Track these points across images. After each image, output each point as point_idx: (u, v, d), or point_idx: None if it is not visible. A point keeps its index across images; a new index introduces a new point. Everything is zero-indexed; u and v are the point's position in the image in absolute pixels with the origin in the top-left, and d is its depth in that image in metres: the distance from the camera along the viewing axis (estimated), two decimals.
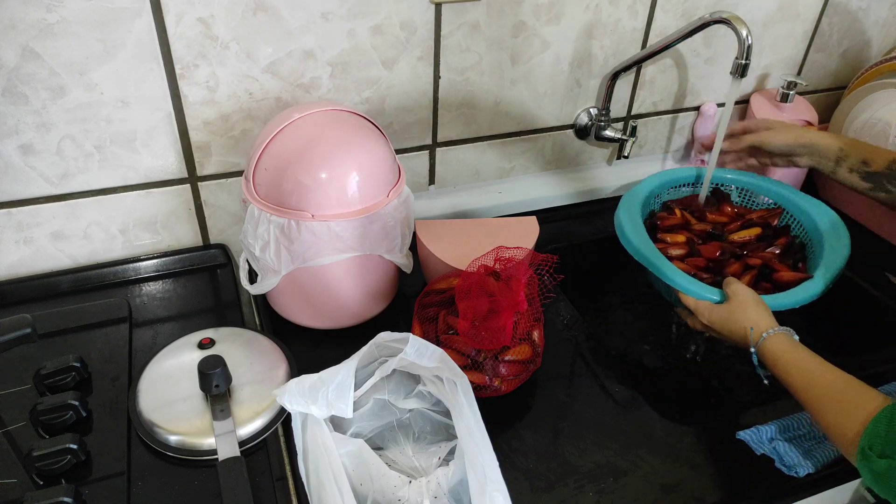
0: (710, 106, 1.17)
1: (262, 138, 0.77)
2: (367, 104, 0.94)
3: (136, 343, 0.81)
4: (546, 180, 1.14)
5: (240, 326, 0.83)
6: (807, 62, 1.23)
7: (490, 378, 0.75)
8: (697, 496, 0.70)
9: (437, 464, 0.69)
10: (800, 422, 0.76)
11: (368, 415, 0.71)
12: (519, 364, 0.77)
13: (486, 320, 0.74)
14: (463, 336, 0.74)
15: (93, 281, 0.90)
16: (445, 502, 0.62)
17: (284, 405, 0.63)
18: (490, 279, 0.77)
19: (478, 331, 0.74)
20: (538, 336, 0.79)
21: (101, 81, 0.79)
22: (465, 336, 0.74)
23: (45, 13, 0.73)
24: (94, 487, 0.64)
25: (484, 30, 0.94)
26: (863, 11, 1.20)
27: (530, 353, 0.78)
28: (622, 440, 0.75)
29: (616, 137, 1.08)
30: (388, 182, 0.80)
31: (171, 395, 0.72)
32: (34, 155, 0.81)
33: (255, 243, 0.78)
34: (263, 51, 0.84)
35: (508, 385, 0.77)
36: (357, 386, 0.65)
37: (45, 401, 0.69)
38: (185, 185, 0.90)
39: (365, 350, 0.66)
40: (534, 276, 0.78)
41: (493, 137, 1.05)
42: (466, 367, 0.75)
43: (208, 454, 0.67)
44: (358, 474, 0.64)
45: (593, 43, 1.02)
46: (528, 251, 0.79)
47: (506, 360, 0.76)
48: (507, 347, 0.76)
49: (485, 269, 0.78)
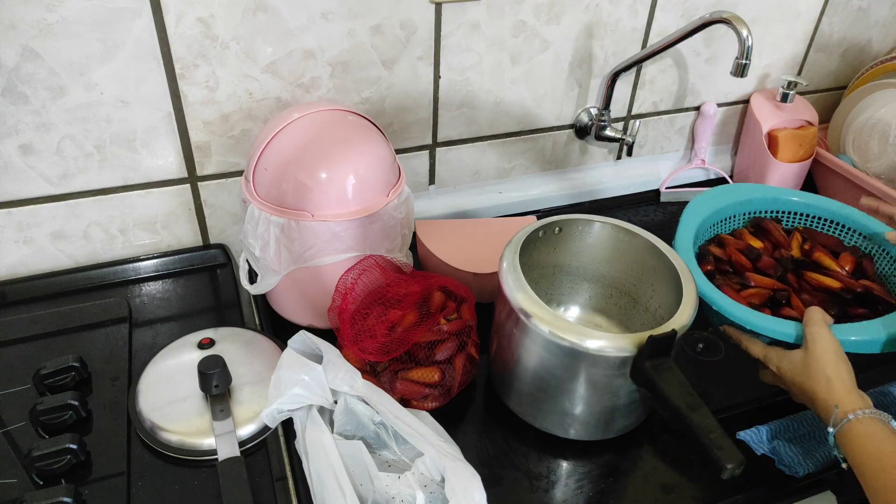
0: (710, 106, 1.17)
1: (262, 138, 0.77)
2: (367, 104, 0.94)
3: (135, 343, 0.81)
4: (546, 180, 1.14)
5: (240, 326, 0.83)
6: (807, 62, 1.23)
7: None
8: (697, 496, 0.70)
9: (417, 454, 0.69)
10: (800, 422, 0.76)
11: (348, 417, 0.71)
12: (421, 386, 0.73)
13: (405, 331, 0.73)
14: (370, 340, 0.72)
15: (93, 281, 0.90)
16: (438, 489, 0.62)
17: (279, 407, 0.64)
18: (438, 293, 0.77)
19: (388, 339, 0.72)
20: (459, 364, 0.74)
21: (101, 81, 0.79)
22: (373, 341, 0.72)
23: (45, 13, 0.73)
24: (93, 487, 0.64)
25: (484, 29, 0.94)
26: (863, 11, 1.20)
27: (438, 378, 0.73)
28: (622, 440, 0.75)
29: (616, 137, 1.08)
30: (388, 182, 0.80)
31: (170, 395, 0.72)
32: (34, 155, 0.81)
33: (255, 243, 0.78)
34: (263, 50, 0.84)
35: (419, 404, 0.74)
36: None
37: (45, 401, 0.69)
38: (185, 185, 0.90)
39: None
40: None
41: (493, 137, 1.05)
42: (366, 373, 0.72)
43: (208, 454, 0.67)
44: (358, 475, 0.64)
45: (593, 43, 1.02)
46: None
47: (405, 379, 0.73)
48: (413, 366, 0.73)
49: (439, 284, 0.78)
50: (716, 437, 0.60)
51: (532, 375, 0.71)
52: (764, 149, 1.16)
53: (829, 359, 0.65)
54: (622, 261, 0.82)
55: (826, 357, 0.65)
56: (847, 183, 1.15)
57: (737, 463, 0.58)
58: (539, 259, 0.81)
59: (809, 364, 0.66)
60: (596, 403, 0.70)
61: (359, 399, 0.67)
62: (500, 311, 0.73)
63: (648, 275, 0.79)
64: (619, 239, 0.80)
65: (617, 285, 0.84)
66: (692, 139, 1.22)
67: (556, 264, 0.84)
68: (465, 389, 0.79)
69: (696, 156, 1.22)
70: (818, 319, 0.68)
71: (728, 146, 1.27)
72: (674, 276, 0.73)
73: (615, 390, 0.68)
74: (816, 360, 0.65)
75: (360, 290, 0.76)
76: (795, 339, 0.70)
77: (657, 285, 0.78)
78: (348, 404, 0.67)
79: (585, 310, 0.88)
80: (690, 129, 1.21)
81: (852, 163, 1.17)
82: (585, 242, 0.82)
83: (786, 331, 0.70)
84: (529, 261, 0.77)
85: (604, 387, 0.68)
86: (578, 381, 0.68)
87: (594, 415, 0.71)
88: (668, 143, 1.22)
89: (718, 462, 0.58)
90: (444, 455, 0.62)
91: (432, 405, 0.75)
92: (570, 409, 0.70)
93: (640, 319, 0.82)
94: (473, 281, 0.88)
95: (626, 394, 0.69)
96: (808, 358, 0.66)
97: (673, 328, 0.64)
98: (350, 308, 0.74)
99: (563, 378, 0.68)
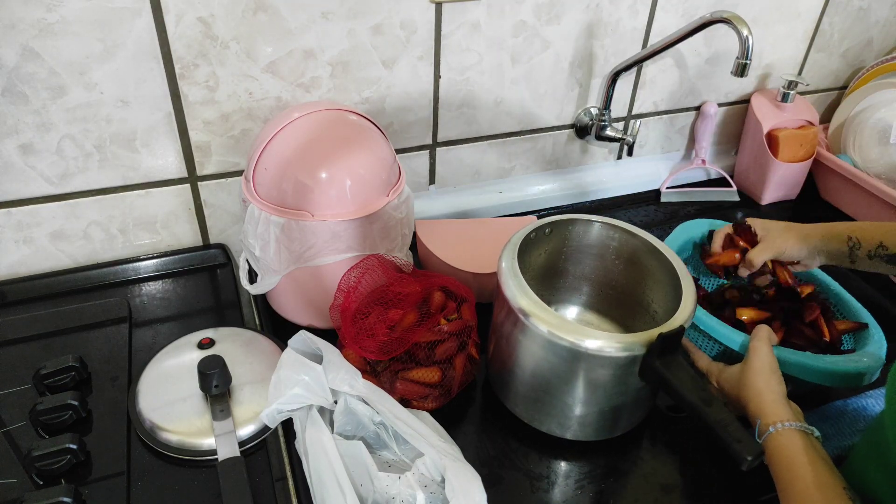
0: (710, 106, 1.17)
1: (262, 138, 0.77)
2: (368, 104, 0.94)
3: (135, 343, 0.81)
4: (546, 180, 1.14)
5: (240, 326, 0.83)
6: (807, 62, 1.22)
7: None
8: (697, 496, 0.70)
9: (417, 454, 0.69)
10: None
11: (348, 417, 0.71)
12: (421, 386, 0.73)
13: (405, 331, 0.72)
14: (370, 340, 0.72)
15: (93, 281, 0.90)
16: (438, 489, 0.62)
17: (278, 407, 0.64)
18: (438, 293, 0.77)
19: (389, 338, 0.72)
20: (459, 364, 0.74)
21: (100, 81, 0.79)
22: (373, 340, 0.72)
23: (45, 13, 0.73)
24: (93, 487, 0.64)
25: (484, 29, 0.94)
26: (864, 11, 1.20)
27: (438, 378, 0.73)
28: (622, 440, 0.75)
29: (616, 137, 1.08)
30: (389, 182, 0.80)
31: (170, 395, 0.72)
32: (34, 154, 0.81)
33: (255, 243, 0.78)
34: (263, 50, 0.84)
35: (419, 404, 0.74)
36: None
37: (45, 401, 0.69)
38: (184, 185, 0.90)
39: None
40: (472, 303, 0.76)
41: (493, 137, 1.05)
42: (366, 373, 0.72)
43: (208, 454, 0.67)
44: (358, 475, 0.64)
45: (594, 42, 1.02)
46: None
47: (406, 379, 0.73)
48: (413, 366, 0.73)
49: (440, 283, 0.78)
50: (733, 430, 0.60)
51: (531, 376, 0.70)
52: (764, 149, 1.16)
53: (764, 372, 0.67)
54: (621, 261, 0.81)
55: (762, 370, 0.68)
56: (847, 183, 1.15)
57: (755, 454, 0.58)
58: (538, 259, 0.81)
59: (746, 375, 0.68)
60: (596, 403, 0.70)
61: (359, 399, 0.67)
62: (499, 312, 0.73)
63: (646, 274, 0.79)
64: (618, 239, 0.80)
65: (615, 285, 0.84)
66: (692, 139, 1.22)
67: (555, 264, 0.84)
68: (465, 389, 0.78)
69: (696, 156, 1.22)
70: (763, 336, 0.71)
71: (728, 146, 1.27)
72: (671, 274, 0.73)
73: (616, 390, 0.68)
74: (753, 373, 0.68)
75: (362, 288, 0.76)
76: (739, 347, 0.74)
77: (654, 284, 0.78)
78: (348, 404, 0.67)
79: (584, 310, 0.88)
80: (691, 129, 1.21)
81: (853, 163, 1.17)
82: (584, 242, 0.82)
83: (734, 338, 0.75)
84: (529, 261, 0.77)
85: (604, 387, 0.68)
86: (578, 382, 0.68)
87: (594, 415, 0.71)
88: (669, 142, 1.22)
89: (738, 454, 0.59)
90: (444, 455, 0.62)
91: (432, 405, 0.74)
92: (570, 410, 0.70)
93: (639, 319, 0.82)
94: (473, 281, 0.88)
95: (626, 393, 0.69)
96: (746, 370, 0.69)
97: (681, 324, 0.65)
98: (352, 307, 0.74)
99: (563, 378, 0.68)
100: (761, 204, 1.20)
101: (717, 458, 0.73)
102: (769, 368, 0.68)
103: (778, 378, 0.68)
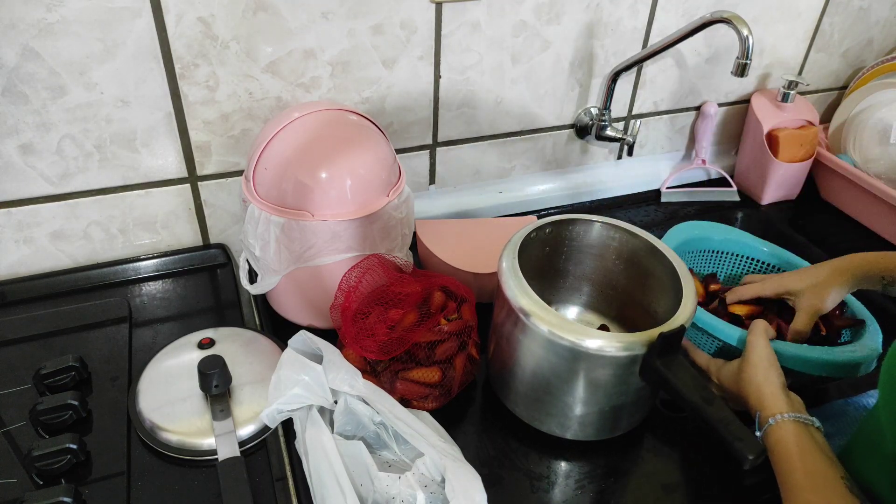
0: (710, 106, 1.17)
1: (263, 138, 0.77)
2: (368, 104, 0.94)
3: (135, 343, 0.81)
4: (546, 180, 1.14)
5: (240, 326, 0.83)
6: (808, 62, 1.22)
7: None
8: (698, 496, 0.70)
9: (417, 454, 0.69)
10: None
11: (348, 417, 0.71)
12: (421, 386, 0.73)
13: (405, 331, 0.72)
14: (370, 340, 0.72)
15: (93, 281, 0.90)
16: (438, 489, 0.62)
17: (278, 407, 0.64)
18: (439, 293, 0.77)
19: (389, 338, 0.72)
20: (460, 364, 0.74)
21: (101, 81, 0.79)
22: (373, 340, 0.71)
23: (45, 13, 0.73)
24: (93, 487, 0.64)
25: (484, 29, 0.94)
26: (864, 11, 1.20)
27: (438, 378, 0.73)
28: (623, 440, 0.74)
29: (617, 137, 1.08)
30: (389, 182, 0.80)
31: (170, 395, 0.72)
32: (34, 154, 0.81)
33: (255, 243, 0.78)
34: (263, 50, 0.84)
35: (419, 404, 0.74)
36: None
37: (45, 401, 0.69)
38: (184, 185, 0.90)
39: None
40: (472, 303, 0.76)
41: (493, 137, 1.05)
42: (366, 373, 0.72)
43: (208, 454, 0.67)
44: (358, 475, 0.64)
45: (594, 42, 1.02)
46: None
47: (406, 379, 0.73)
48: (413, 366, 0.73)
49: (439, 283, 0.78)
50: (735, 429, 0.60)
51: (531, 376, 0.70)
52: (765, 149, 1.16)
53: (762, 366, 0.68)
54: (621, 260, 0.81)
55: (760, 364, 0.68)
56: (847, 183, 1.15)
57: (758, 453, 0.58)
58: (539, 259, 0.81)
59: (745, 370, 0.68)
60: (596, 403, 0.69)
61: (359, 399, 0.67)
62: (499, 312, 0.73)
63: (646, 274, 0.79)
64: (618, 239, 0.80)
65: (616, 285, 0.84)
66: (693, 139, 1.22)
67: (555, 264, 0.84)
68: (466, 389, 0.78)
69: (696, 156, 1.22)
70: (760, 330, 0.71)
71: (729, 146, 1.27)
72: (671, 274, 0.73)
73: (616, 390, 0.68)
74: (752, 367, 0.68)
75: (362, 288, 0.76)
76: (737, 342, 0.74)
77: (655, 284, 0.78)
78: (348, 404, 0.67)
79: (585, 310, 0.88)
80: (691, 129, 1.21)
81: (853, 163, 1.17)
82: (584, 242, 0.82)
83: (731, 333, 0.75)
84: (529, 261, 0.77)
85: (605, 386, 0.68)
86: (578, 382, 0.67)
87: (594, 415, 0.71)
88: (669, 142, 1.21)
89: (740, 453, 0.59)
90: (444, 455, 0.62)
91: (432, 405, 0.74)
92: (570, 410, 0.70)
93: (639, 319, 0.82)
94: (474, 281, 0.87)
95: (626, 393, 0.69)
96: (744, 364, 0.69)
97: (682, 324, 0.64)
98: (352, 307, 0.74)
99: (564, 378, 0.68)
100: (761, 204, 1.20)
101: (718, 458, 0.73)
102: (767, 362, 0.68)
103: (777, 371, 0.68)
